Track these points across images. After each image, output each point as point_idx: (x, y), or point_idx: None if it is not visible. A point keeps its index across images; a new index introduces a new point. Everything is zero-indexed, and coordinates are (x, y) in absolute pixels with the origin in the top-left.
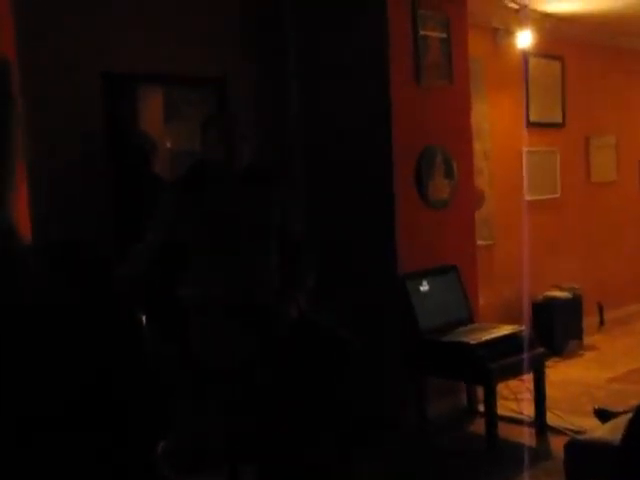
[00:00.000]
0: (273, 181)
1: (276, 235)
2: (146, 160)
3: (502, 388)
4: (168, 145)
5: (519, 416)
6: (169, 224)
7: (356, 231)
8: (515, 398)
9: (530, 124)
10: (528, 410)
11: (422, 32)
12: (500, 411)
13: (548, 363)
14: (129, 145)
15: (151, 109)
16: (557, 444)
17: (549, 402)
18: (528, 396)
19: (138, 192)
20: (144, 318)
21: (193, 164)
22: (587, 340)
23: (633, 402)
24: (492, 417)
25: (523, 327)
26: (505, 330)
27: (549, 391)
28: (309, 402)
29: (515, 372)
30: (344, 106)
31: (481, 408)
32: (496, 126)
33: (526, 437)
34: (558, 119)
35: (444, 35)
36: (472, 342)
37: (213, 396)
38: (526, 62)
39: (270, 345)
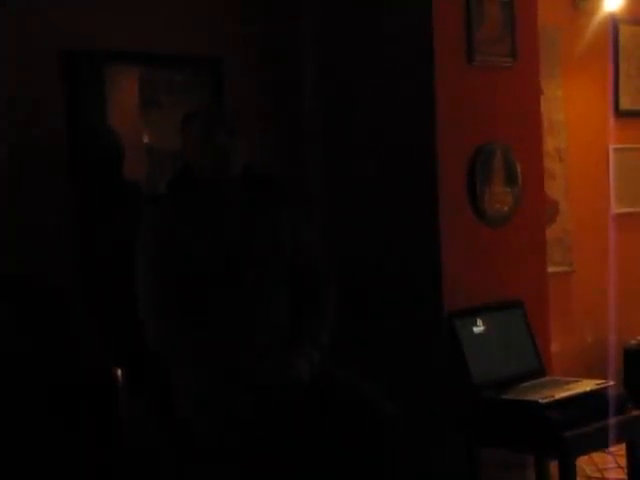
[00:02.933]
0: (282, 195)
1: (287, 266)
2: (117, 165)
3: (584, 463)
4: (145, 141)
5: None
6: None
7: (389, 258)
8: (602, 477)
9: (620, 113)
10: None
11: None
12: None
13: None
14: (96, 145)
15: (123, 96)
16: None
17: None
18: (619, 475)
19: (108, 208)
20: (120, 374)
21: (177, 170)
22: None
23: None
24: None
25: (611, 382)
26: (587, 386)
27: None
28: None
29: (601, 442)
30: (375, 95)
31: None
32: (574, 117)
33: None
34: None
35: None
36: (542, 401)
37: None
38: (615, 31)
39: (275, 416)
